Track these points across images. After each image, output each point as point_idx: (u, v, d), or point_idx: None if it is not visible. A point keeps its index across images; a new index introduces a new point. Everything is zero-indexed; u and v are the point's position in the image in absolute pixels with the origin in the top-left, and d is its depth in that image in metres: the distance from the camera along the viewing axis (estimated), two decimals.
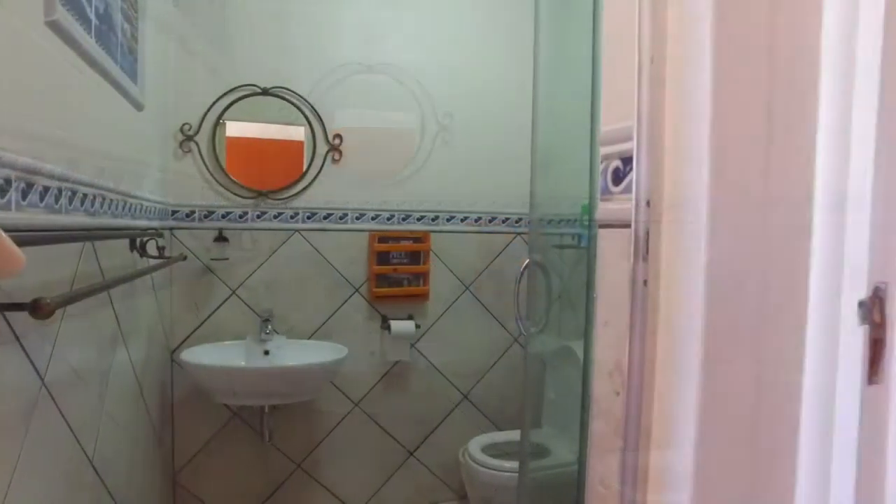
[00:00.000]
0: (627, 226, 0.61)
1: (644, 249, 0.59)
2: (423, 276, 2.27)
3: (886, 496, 0.60)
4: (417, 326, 2.22)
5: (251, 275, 2.05)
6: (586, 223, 1.21)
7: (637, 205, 0.60)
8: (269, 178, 2.07)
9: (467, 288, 2.34)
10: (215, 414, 2.04)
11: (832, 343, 0.60)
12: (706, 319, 0.57)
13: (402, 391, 2.28)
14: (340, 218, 2.16)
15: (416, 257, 2.25)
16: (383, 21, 2.19)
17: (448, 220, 2.30)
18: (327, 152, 2.12)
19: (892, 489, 0.59)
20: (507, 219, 2.37)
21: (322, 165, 2.12)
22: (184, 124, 1.95)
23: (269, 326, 2.01)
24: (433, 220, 2.28)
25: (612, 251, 0.65)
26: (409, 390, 2.29)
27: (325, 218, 2.13)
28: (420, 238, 2.24)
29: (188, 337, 2.00)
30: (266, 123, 2.06)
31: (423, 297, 2.27)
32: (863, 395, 0.59)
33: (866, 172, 0.57)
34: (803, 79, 0.60)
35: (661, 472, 0.63)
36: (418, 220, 2.26)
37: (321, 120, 2.11)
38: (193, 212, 1.98)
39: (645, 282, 0.59)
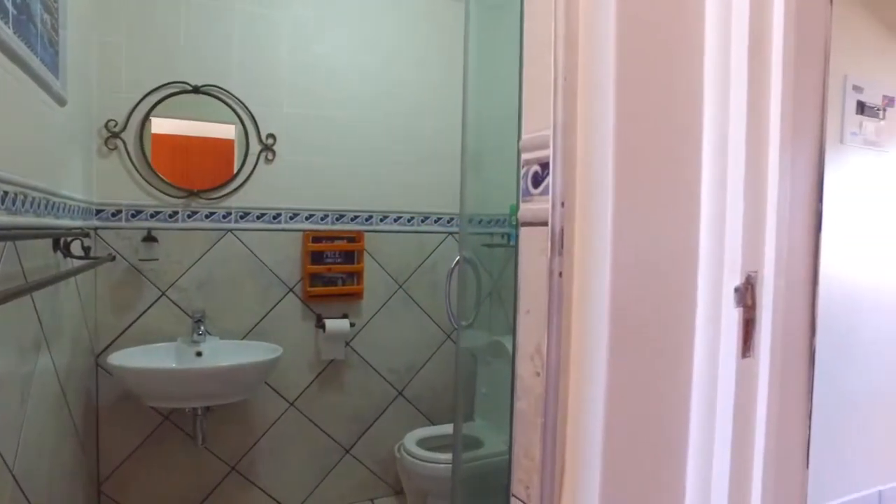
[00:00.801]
0: (545, 224, 0.69)
1: (559, 245, 0.67)
2: (357, 276, 2.30)
3: (755, 450, 0.71)
4: (352, 325, 2.25)
5: (182, 275, 2.01)
6: (514, 223, 1.30)
7: (553, 205, 0.68)
8: (201, 177, 2.04)
9: (401, 286, 2.39)
10: (144, 419, 1.99)
11: (715, 323, 0.70)
12: (612, 305, 0.65)
13: (337, 389, 2.30)
14: (274, 218, 2.15)
15: (350, 257, 2.28)
16: (320, 21, 2.20)
17: (382, 219, 2.34)
18: (260, 152, 2.11)
19: (759, 444, 0.70)
20: (440, 218, 2.44)
21: (255, 165, 2.11)
22: (109, 121, 1.89)
23: (202, 327, 1.98)
24: (367, 219, 2.32)
25: (532, 247, 0.72)
26: (345, 388, 2.32)
27: (258, 218, 2.13)
28: (354, 238, 2.28)
29: (115, 340, 1.94)
30: (198, 122, 2.03)
31: (358, 295, 2.31)
32: (738, 367, 0.69)
33: (738, 176, 0.67)
34: (691, 93, 0.70)
35: (577, 441, 0.71)
36: (352, 219, 2.29)
37: (254, 120, 2.10)
38: (120, 211, 1.93)
39: (560, 274, 0.67)
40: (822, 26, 0.80)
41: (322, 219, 2.24)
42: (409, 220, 2.40)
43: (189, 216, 2.02)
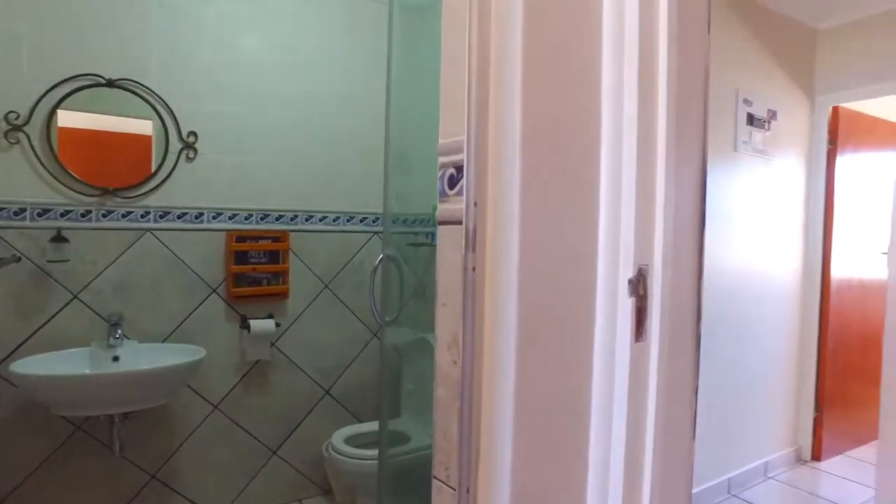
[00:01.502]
0: (460, 223, 0.74)
1: (472, 242, 0.73)
2: (282, 275, 2.29)
3: (648, 423, 0.80)
4: (278, 325, 2.23)
5: (96, 277, 1.93)
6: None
7: (467, 206, 0.73)
8: (117, 174, 1.96)
9: (326, 286, 2.40)
10: (54, 429, 1.89)
11: (612, 311, 0.78)
12: (520, 297, 0.72)
13: (263, 390, 2.28)
14: (196, 217, 2.10)
15: (275, 256, 2.26)
16: (244, 18, 2.17)
17: (307, 219, 2.34)
18: (181, 150, 2.06)
19: (651, 417, 0.80)
20: (365, 218, 2.47)
21: (176, 163, 2.05)
22: (9, 112, 1.78)
23: (119, 331, 1.90)
24: (292, 219, 2.31)
25: (449, 244, 0.78)
26: (271, 389, 2.30)
27: (179, 217, 2.07)
28: (279, 237, 2.26)
29: (19, 347, 1.82)
30: (113, 116, 1.95)
31: (283, 295, 2.29)
32: (632, 350, 0.78)
33: (631, 181, 0.76)
34: (589, 107, 0.78)
35: (490, 423, 0.77)
36: (277, 219, 2.27)
37: (174, 117, 2.04)
38: (24, 209, 1.82)
39: (473, 268, 0.73)
40: (702, 51, 0.91)
41: (246, 218, 2.21)
42: (334, 220, 2.41)
43: (104, 215, 1.94)
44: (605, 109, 0.78)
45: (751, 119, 2.58)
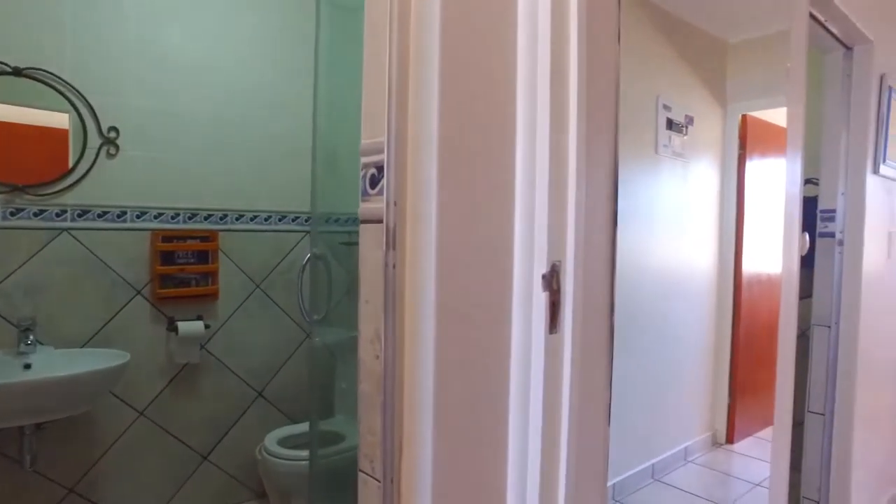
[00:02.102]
0: (381, 221, 0.77)
1: (393, 240, 0.75)
2: (211, 276, 2.23)
3: (563, 410, 0.85)
4: (207, 326, 2.18)
5: (4, 280, 1.82)
6: None
7: (388, 205, 0.76)
8: (27, 170, 1.85)
9: (258, 286, 2.36)
10: None
11: (527, 305, 0.83)
12: (438, 293, 0.75)
13: (192, 394, 2.22)
14: (118, 216, 2.02)
15: (203, 256, 2.20)
16: (170, 9, 2.10)
17: (237, 218, 2.29)
18: (101, 146, 1.97)
19: (566, 404, 0.85)
20: (298, 217, 2.44)
21: (95, 160, 1.96)
22: None
23: (31, 337, 1.80)
24: (221, 218, 2.25)
25: (370, 242, 0.80)
26: (201, 392, 2.24)
27: (99, 216, 1.98)
28: (208, 237, 2.20)
29: None
30: (21, 108, 1.83)
31: (213, 296, 2.24)
32: (546, 342, 0.83)
33: (544, 183, 0.80)
34: (505, 112, 0.83)
35: (412, 415, 0.80)
36: (206, 218, 2.21)
37: (93, 110, 1.95)
38: None
39: (394, 266, 0.75)
40: (612, 60, 0.97)
41: (173, 217, 2.14)
42: (266, 219, 2.37)
43: (12, 214, 1.83)
44: (519, 115, 0.83)
45: (670, 124, 2.74)
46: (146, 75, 2.05)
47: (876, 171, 2.32)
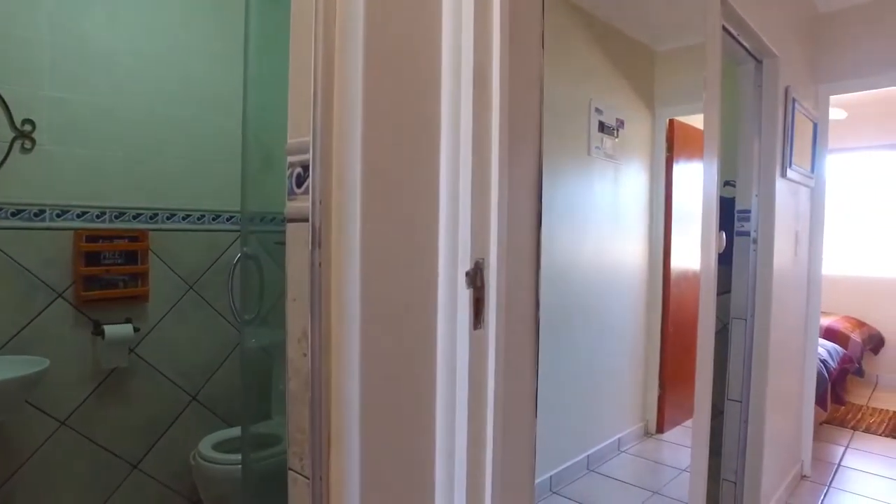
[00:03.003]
0: (307, 220, 0.78)
1: (319, 239, 0.76)
2: (141, 277, 2.15)
3: (488, 403, 0.88)
4: (137, 329, 2.10)
5: None
6: None
7: (313, 204, 0.77)
8: None
9: (191, 287, 2.29)
10: None
11: (452, 301, 0.86)
12: (363, 290, 0.77)
13: (121, 401, 2.13)
14: (36, 215, 1.92)
15: (132, 257, 2.12)
16: None
17: (168, 218, 2.22)
18: (14, 140, 1.86)
19: (491, 397, 0.88)
20: (233, 217, 2.39)
21: (7, 154, 1.85)
22: None
23: None
24: (152, 217, 2.18)
25: (297, 241, 0.81)
26: (130, 398, 2.16)
27: (13, 215, 1.87)
28: (137, 237, 2.13)
29: None
30: None
31: (143, 298, 2.16)
32: (471, 337, 0.86)
33: (467, 183, 0.84)
34: (429, 113, 0.85)
35: (340, 411, 0.81)
36: (134, 217, 2.13)
37: (4, 102, 1.84)
38: None
39: (320, 264, 0.77)
40: (536, 65, 1.02)
41: (98, 217, 2.05)
42: (199, 219, 2.31)
43: None
44: (443, 117, 0.85)
45: (602, 126, 2.85)
46: (64, 64, 1.95)
47: (784, 175, 2.50)
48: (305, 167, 0.79)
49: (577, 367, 2.85)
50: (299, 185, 0.81)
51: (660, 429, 3.47)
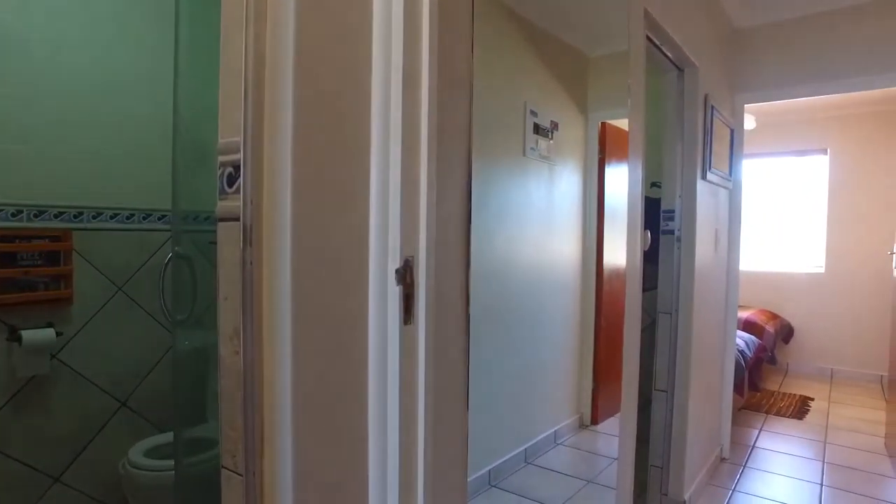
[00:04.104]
0: (238, 220, 0.78)
1: (250, 238, 0.77)
2: (64, 279, 2.06)
3: (419, 396, 0.92)
4: (59, 334, 2.00)
5: None
6: None
7: (244, 203, 0.78)
8: None
9: (120, 289, 2.21)
10: None
11: (383, 298, 0.88)
12: (294, 288, 0.78)
13: (41, 410, 2.03)
14: None
15: (54, 258, 2.03)
16: None
17: (95, 216, 2.13)
18: None
19: (422, 391, 0.91)
20: (165, 215, 2.32)
21: None
22: None
23: None
24: (76, 216, 2.08)
25: (228, 240, 0.81)
26: (51, 407, 2.05)
27: None
28: (59, 237, 2.03)
29: None
30: None
31: (66, 301, 2.06)
32: (401, 332, 0.89)
33: (397, 183, 0.87)
34: (359, 113, 0.87)
35: (272, 408, 0.82)
36: (56, 216, 2.04)
37: None
38: None
39: (251, 263, 0.78)
40: (466, 68, 1.05)
41: (13, 215, 1.94)
42: (128, 217, 2.22)
43: None
44: (374, 119, 0.88)
45: (537, 128, 2.94)
46: None
47: (704, 177, 2.67)
48: (236, 167, 0.80)
49: (514, 363, 2.93)
50: (230, 184, 0.81)
51: (594, 420, 3.61)
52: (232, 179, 0.81)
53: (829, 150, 5.44)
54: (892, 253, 3.58)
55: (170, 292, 2.22)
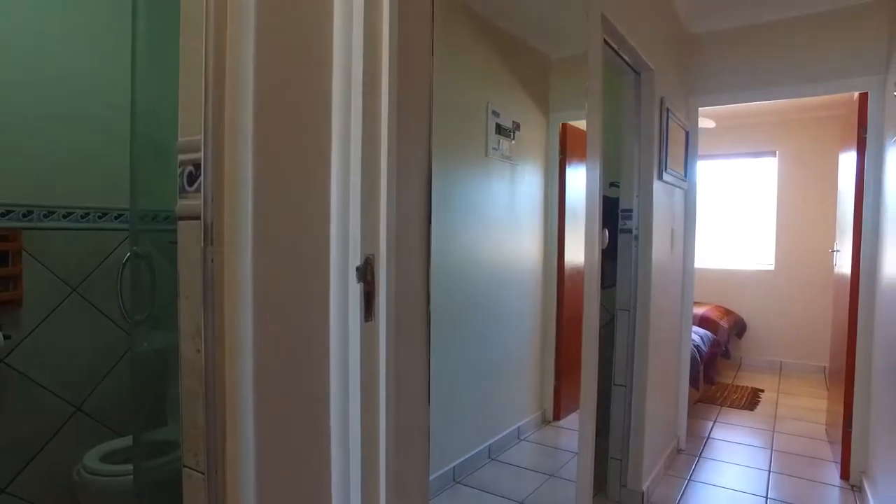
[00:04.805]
0: (199, 218, 0.78)
1: (211, 237, 0.77)
2: (13, 280, 1.99)
3: (380, 392, 0.93)
4: (7, 337, 1.94)
5: None
6: None
7: (205, 202, 0.78)
8: None
9: (74, 290, 2.15)
10: None
11: (344, 295, 0.90)
12: (255, 286, 0.79)
13: None
14: None
15: (2, 258, 1.95)
16: None
17: (46, 215, 2.06)
18: None
19: (383, 387, 0.93)
20: (122, 214, 2.26)
21: None
22: None
23: None
24: (25, 215, 2.01)
25: (189, 238, 0.81)
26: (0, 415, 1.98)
27: None
28: (6, 236, 1.96)
29: None
30: None
31: (15, 303, 2.00)
32: (362, 329, 0.90)
33: (357, 183, 0.88)
34: (320, 115, 0.89)
35: (234, 406, 0.83)
36: (4, 215, 1.96)
37: None
38: None
39: (212, 261, 0.78)
40: (426, 72, 1.08)
41: None
42: (83, 217, 2.16)
43: None
44: (335, 119, 0.89)
45: (499, 129, 2.99)
46: None
47: (660, 177, 2.76)
48: (197, 166, 0.80)
49: (476, 360, 2.97)
50: (191, 183, 0.81)
51: (556, 416, 3.68)
52: (192, 178, 0.81)
53: (777, 153, 5.67)
54: (833, 251, 3.77)
55: (128, 293, 2.17)
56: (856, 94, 3.08)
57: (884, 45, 2.87)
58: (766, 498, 2.85)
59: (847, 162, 3.31)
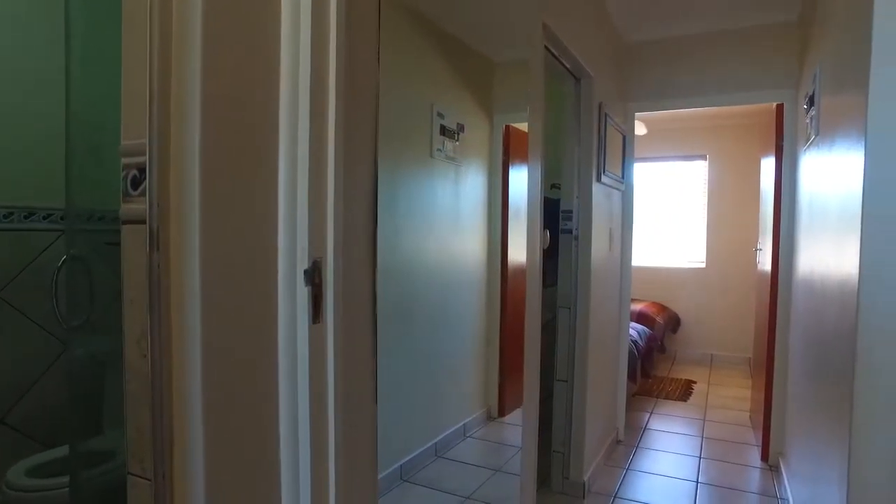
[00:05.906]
0: (144, 222, 0.78)
1: (157, 241, 0.77)
2: None
3: (329, 393, 0.95)
4: None
5: None
6: None
7: (150, 206, 0.77)
8: None
9: None
10: None
11: (292, 298, 0.91)
12: (203, 290, 0.79)
13: None
14: None
15: None
16: None
17: None
18: None
19: (331, 387, 0.95)
20: (52, 214, 2.16)
21: None
22: None
23: None
24: None
25: (133, 243, 0.81)
26: None
27: None
28: None
29: None
30: None
31: None
32: (310, 331, 0.92)
33: (304, 188, 0.89)
34: (267, 121, 0.90)
35: (182, 412, 0.82)
36: None
37: None
38: None
39: (159, 266, 0.78)
40: (372, 76, 1.10)
41: None
42: (5, 217, 2.05)
43: None
44: (282, 123, 0.90)
45: (443, 130, 3.03)
46: None
47: (599, 179, 2.88)
48: (141, 169, 0.79)
49: (422, 359, 3.00)
50: (135, 187, 0.80)
51: (501, 412, 3.76)
52: (136, 182, 0.81)
53: (707, 156, 6.00)
54: (757, 249, 4.03)
55: (63, 296, 2.07)
56: (774, 105, 3.31)
57: (796, 62, 3.10)
58: (697, 482, 3.03)
59: (768, 167, 3.55)
